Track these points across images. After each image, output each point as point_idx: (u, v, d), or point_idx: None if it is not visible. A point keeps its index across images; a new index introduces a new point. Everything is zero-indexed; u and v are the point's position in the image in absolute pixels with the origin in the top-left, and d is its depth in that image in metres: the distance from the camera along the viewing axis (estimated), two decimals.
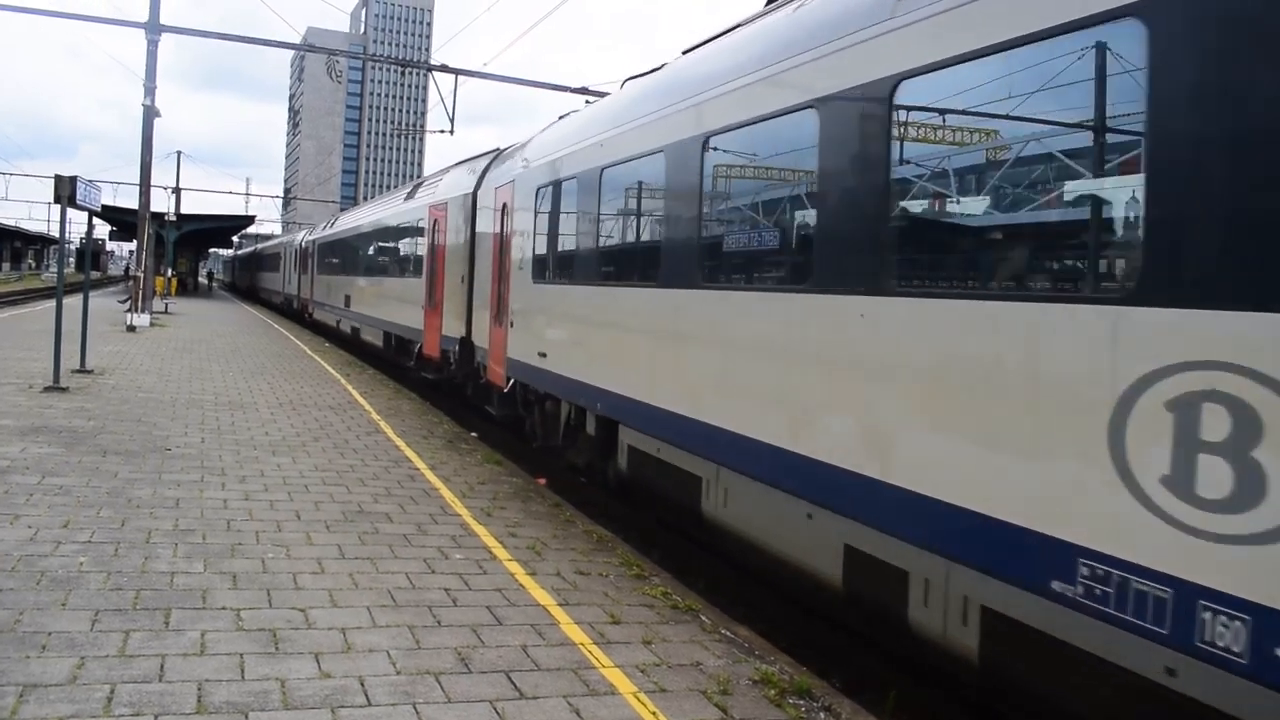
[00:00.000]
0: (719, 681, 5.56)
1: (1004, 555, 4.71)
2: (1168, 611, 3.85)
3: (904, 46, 5.59)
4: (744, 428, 7.15)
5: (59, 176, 15.21)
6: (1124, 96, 4.40)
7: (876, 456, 5.69)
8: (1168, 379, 3.91)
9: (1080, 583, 4.24)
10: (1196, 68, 3.93)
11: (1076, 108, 4.69)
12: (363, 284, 28.12)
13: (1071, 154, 4.84)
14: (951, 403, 5.17)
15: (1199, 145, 3.92)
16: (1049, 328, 4.55)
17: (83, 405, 13.62)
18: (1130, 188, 4.37)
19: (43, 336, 19.55)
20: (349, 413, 15.09)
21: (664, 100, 8.95)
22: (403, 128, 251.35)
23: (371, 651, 5.53)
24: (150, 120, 30.20)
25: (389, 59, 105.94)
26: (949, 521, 5.07)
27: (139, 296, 30.69)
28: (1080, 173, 4.77)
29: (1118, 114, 4.49)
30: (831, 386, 6.21)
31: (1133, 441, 4.05)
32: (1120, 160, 4.55)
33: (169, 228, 42.97)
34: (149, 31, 28.96)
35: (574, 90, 30.61)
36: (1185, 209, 3.97)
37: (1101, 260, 4.69)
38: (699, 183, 8.03)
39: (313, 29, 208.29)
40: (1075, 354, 4.40)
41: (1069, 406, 4.42)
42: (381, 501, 9.27)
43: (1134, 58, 4.23)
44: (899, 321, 5.56)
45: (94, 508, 8.16)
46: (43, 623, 5.51)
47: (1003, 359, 4.83)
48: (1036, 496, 4.54)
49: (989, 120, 5.34)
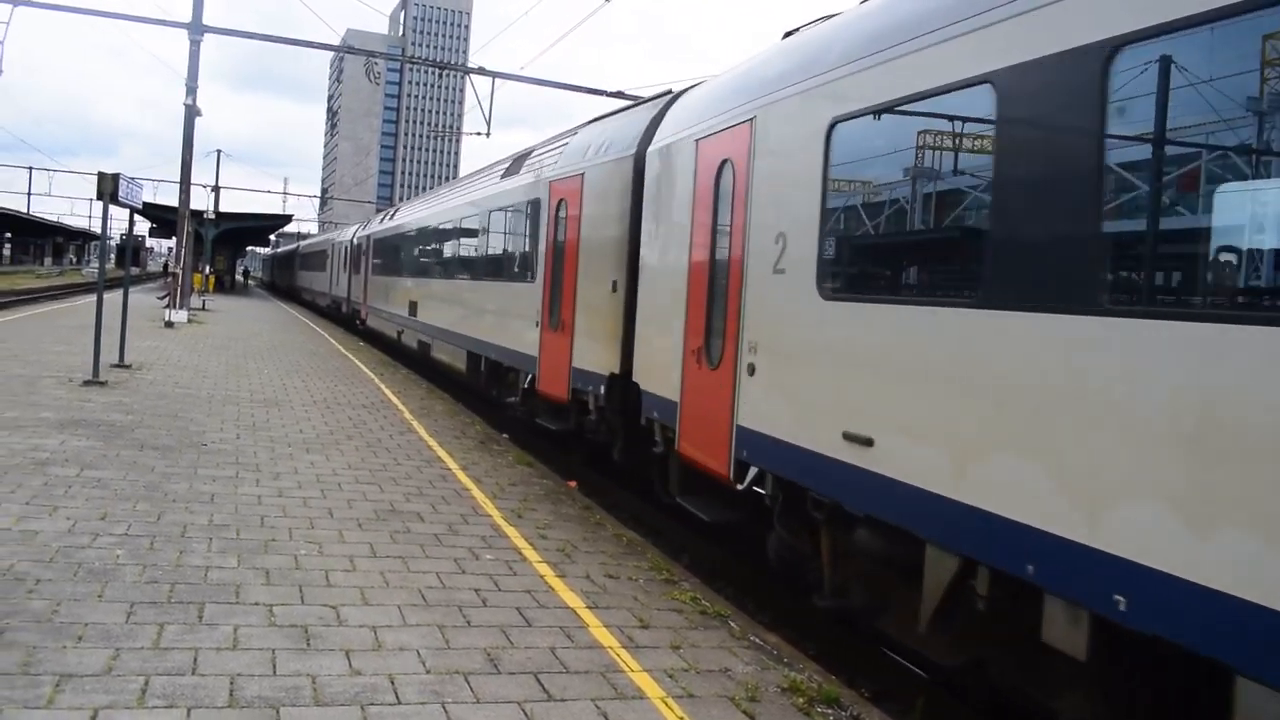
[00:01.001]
0: (747, 688, 5.54)
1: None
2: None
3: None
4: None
5: (102, 174, 15.46)
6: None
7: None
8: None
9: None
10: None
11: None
12: (437, 288, 21.95)
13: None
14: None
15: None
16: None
17: (121, 399, 13.80)
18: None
19: (82, 331, 19.83)
20: (382, 412, 15.19)
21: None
22: (439, 130, 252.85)
23: (402, 650, 5.56)
24: (191, 119, 30.62)
25: (427, 61, 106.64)
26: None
27: (177, 293, 31.07)
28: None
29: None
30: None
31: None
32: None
33: (208, 225, 43.52)
34: (192, 32, 29.37)
35: (610, 94, 30.73)
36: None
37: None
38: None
39: (352, 30, 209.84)
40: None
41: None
42: (413, 501, 9.31)
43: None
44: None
45: (131, 501, 8.27)
46: (79, 614, 5.59)
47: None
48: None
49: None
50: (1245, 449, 3.76)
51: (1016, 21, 5.08)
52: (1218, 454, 3.87)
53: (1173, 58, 4.27)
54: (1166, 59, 4.29)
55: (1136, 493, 4.21)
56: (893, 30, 6.21)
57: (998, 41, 5.20)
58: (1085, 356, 4.51)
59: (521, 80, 31.99)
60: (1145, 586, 4.10)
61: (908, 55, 5.98)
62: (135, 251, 61.91)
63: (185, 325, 29.52)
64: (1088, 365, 4.49)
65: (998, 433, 5.02)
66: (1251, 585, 3.66)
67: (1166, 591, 4.00)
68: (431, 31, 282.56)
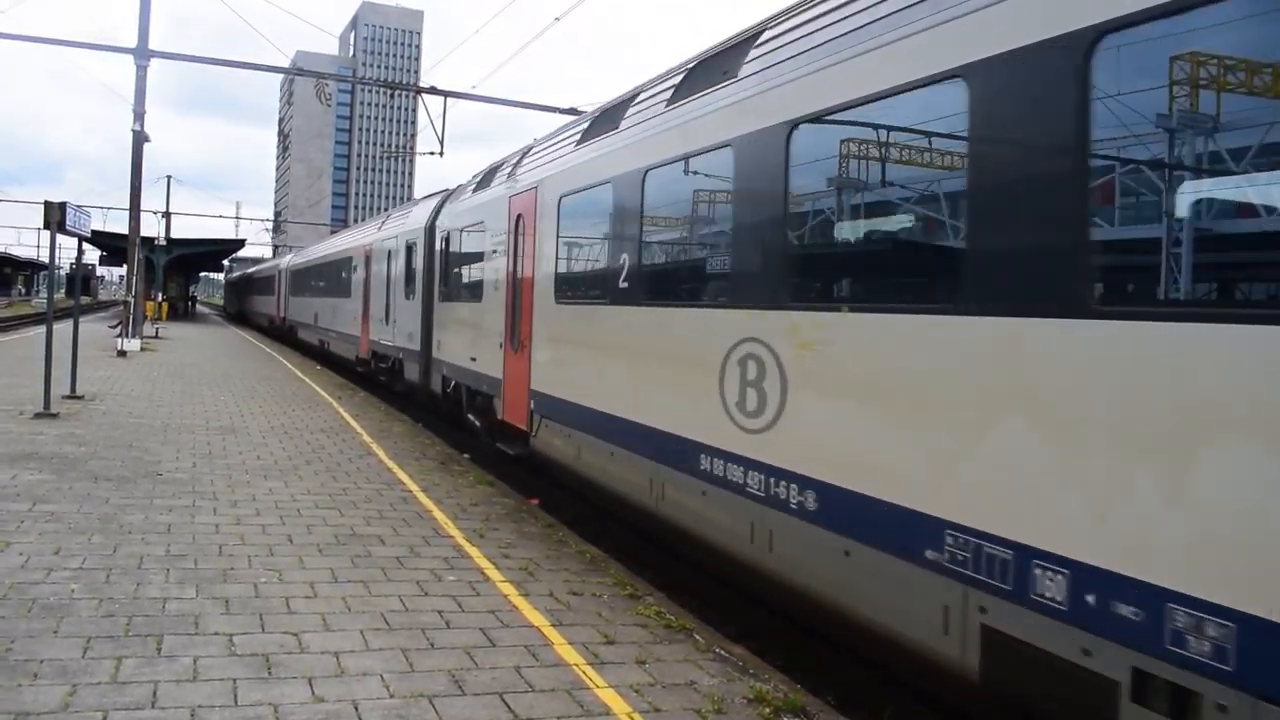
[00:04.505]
0: (713, 700, 5.56)
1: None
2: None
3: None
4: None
5: (49, 203, 15.23)
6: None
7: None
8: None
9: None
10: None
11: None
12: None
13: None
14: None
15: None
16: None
17: (73, 431, 13.58)
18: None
19: (32, 363, 19.50)
20: (340, 435, 15.07)
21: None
22: (393, 150, 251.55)
23: (365, 675, 5.52)
24: (140, 145, 30.24)
25: (378, 82, 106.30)
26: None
27: (129, 321, 30.63)
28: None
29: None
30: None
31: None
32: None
33: (159, 252, 42.95)
34: (138, 57, 29.03)
35: (562, 110, 30.77)
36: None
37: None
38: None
39: (301, 52, 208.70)
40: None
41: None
42: (374, 524, 9.25)
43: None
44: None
45: (85, 534, 8.14)
46: (34, 650, 5.50)
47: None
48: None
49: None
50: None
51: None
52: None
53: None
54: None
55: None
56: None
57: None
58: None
59: (473, 99, 31.95)
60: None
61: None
62: (85, 280, 61.03)
63: (138, 353, 29.11)
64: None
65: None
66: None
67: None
68: (382, 52, 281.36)
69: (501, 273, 13.72)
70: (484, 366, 14.52)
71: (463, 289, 16.62)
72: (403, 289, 21.52)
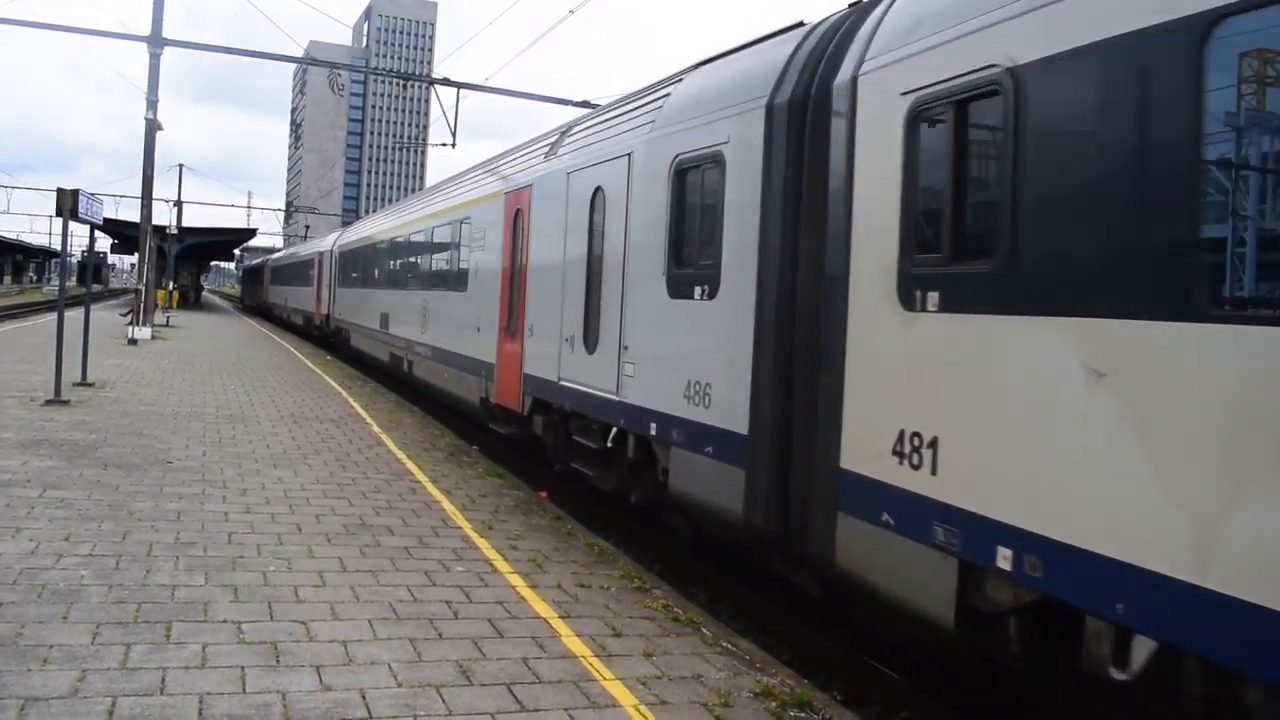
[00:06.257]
0: (720, 694, 5.55)
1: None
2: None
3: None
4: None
5: (61, 190, 15.26)
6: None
7: None
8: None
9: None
10: None
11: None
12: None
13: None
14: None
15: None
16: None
17: (84, 418, 13.63)
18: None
19: (44, 350, 19.59)
20: (350, 425, 15.10)
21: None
22: (405, 141, 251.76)
23: (373, 664, 5.53)
24: (152, 133, 30.31)
25: (390, 72, 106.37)
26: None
27: (140, 309, 30.72)
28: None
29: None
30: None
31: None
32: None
33: (170, 241, 43.04)
34: (151, 45, 29.07)
35: (576, 103, 30.69)
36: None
37: None
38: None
39: (314, 42, 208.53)
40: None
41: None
42: (383, 514, 9.26)
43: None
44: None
45: (95, 521, 8.17)
46: (44, 636, 5.51)
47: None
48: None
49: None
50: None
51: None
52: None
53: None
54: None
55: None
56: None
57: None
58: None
59: (486, 90, 31.89)
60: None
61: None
62: (97, 268, 61.17)
63: (149, 342, 29.20)
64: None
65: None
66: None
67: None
68: (395, 43, 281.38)
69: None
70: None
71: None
72: (659, 272, 8.83)
